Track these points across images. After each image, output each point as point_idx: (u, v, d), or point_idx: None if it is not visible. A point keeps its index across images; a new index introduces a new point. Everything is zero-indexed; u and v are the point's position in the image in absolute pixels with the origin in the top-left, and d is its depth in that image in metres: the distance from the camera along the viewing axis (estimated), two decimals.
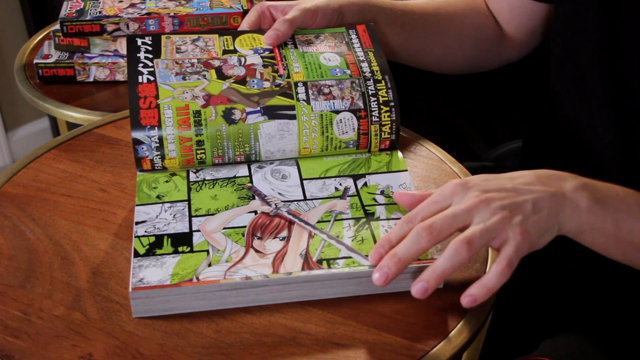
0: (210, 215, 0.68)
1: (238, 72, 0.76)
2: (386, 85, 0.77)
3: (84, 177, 0.79)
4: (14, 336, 0.61)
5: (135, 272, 0.63)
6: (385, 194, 0.71)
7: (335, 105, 0.75)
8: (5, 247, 0.70)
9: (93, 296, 0.65)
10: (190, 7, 1.08)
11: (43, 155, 0.82)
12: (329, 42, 0.81)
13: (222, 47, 0.80)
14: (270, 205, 0.70)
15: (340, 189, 0.72)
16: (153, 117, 0.72)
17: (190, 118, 0.72)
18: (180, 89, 0.74)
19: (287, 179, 0.73)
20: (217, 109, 0.73)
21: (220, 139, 0.73)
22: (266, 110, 0.74)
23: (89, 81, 1.11)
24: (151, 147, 0.72)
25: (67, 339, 0.61)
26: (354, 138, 0.76)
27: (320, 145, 0.75)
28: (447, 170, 0.81)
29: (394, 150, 0.78)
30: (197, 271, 0.62)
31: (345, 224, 0.68)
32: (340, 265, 0.63)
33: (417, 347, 0.61)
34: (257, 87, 0.75)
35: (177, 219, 0.68)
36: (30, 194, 0.77)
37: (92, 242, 0.70)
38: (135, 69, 0.76)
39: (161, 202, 0.70)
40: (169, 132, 0.72)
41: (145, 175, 0.73)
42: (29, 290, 0.65)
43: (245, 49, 0.80)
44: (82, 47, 1.11)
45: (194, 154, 0.73)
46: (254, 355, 0.60)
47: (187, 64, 0.76)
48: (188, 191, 0.71)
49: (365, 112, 0.75)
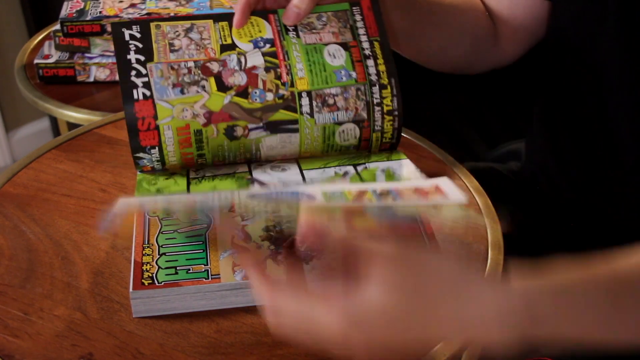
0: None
1: (239, 81, 0.72)
2: (391, 91, 0.74)
3: (84, 177, 0.79)
4: (14, 336, 0.61)
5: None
6: (386, 173, 0.70)
7: (339, 117, 0.73)
8: (6, 247, 0.70)
9: (93, 296, 0.65)
10: (191, 7, 1.08)
11: (43, 155, 0.82)
12: (332, 26, 0.77)
13: (218, 40, 0.75)
14: (270, 188, 0.69)
15: (340, 172, 0.71)
16: (153, 139, 0.70)
17: (191, 137, 0.71)
18: (179, 107, 0.71)
19: (287, 171, 0.72)
20: (219, 127, 0.71)
21: (222, 151, 0.72)
22: (269, 125, 0.72)
23: (89, 81, 1.11)
24: (152, 160, 0.72)
25: (68, 339, 0.61)
26: (355, 144, 0.75)
27: (320, 150, 0.75)
28: (447, 170, 0.81)
29: (394, 150, 0.78)
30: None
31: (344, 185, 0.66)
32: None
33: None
34: (259, 99, 0.72)
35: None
36: (30, 194, 0.77)
37: (92, 242, 0.70)
38: (128, 78, 0.72)
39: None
40: (170, 149, 0.71)
41: (146, 175, 0.73)
42: (30, 290, 0.66)
43: (244, 42, 0.75)
44: (82, 47, 1.11)
45: (195, 163, 0.73)
46: (254, 355, 0.60)
47: (183, 69, 0.72)
48: (187, 184, 0.70)
49: (369, 122, 0.74)
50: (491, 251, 0.70)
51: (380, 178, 0.69)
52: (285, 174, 0.72)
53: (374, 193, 0.59)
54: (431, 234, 0.66)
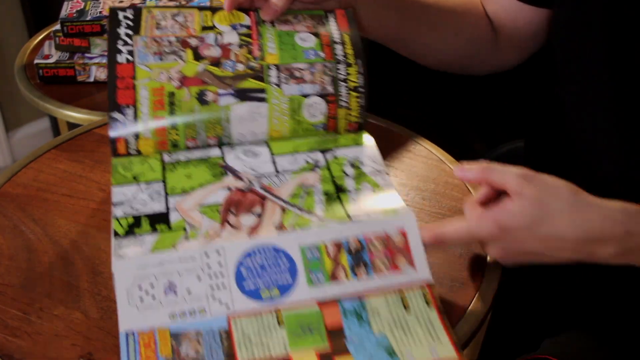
0: (185, 193, 0.69)
1: (214, 53, 0.77)
2: (357, 70, 0.77)
3: (84, 177, 0.79)
4: (14, 335, 0.61)
5: (116, 251, 0.63)
6: (354, 165, 0.73)
7: (305, 90, 0.76)
8: (6, 247, 0.70)
9: (93, 296, 0.65)
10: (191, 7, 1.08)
11: (43, 155, 0.82)
12: (306, 22, 0.82)
13: (201, 23, 0.81)
14: (243, 181, 0.71)
15: (310, 162, 0.73)
16: (129, 97, 0.74)
17: (164, 99, 0.74)
18: (157, 70, 0.75)
19: (258, 157, 0.74)
20: (191, 90, 0.74)
21: (193, 120, 0.74)
22: (238, 92, 0.75)
23: (89, 81, 1.11)
24: (126, 126, 0.74)
25: (67, 338, 0.61)
26: (323, 121, 0.76)
27: (289, 128, 0.76)
28: (447, 170, 0.81)
29: (361, 131, 0.78)
30: (175, 243, 0.64)
31: (317, 198, 0.69)
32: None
33: None
34: (231, 69, 0.76)
35: (154, 199, 0.69)
36: (30, 194, 0.77)
37: (92, 242, 0.71)
38: (114, 46, 0.76)
39: (137, 183, 0.70)
40: (144, 110, 0.73)
41: (121, 158, 0.74)
42: (29, 289, 0.66)
43: (223, 25, 0.80)
44: (82, 48, 1.11)
45: (167, 135, 0.74)
46: None
47: (165, 42, 0.77)
48: (163, 171, 0.72)
49: (334, 97, 0.76)
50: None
51: (349, 171, 0.72)
52: (257, 161, 0.73)
53: (349, 255, 0.64)
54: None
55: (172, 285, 0.61)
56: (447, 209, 0.76)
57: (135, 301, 0.61)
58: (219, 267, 0.63)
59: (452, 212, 0.75)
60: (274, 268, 0.63)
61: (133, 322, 0.60)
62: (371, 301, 0.62)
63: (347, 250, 0.64)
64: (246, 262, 0.63)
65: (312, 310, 0.62)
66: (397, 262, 0.64)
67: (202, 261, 0.63)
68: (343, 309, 0.62)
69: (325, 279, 0.63)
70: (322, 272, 0.63)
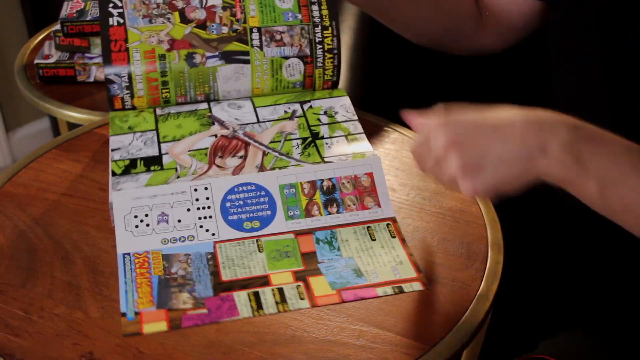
0: (176, 140, 0.77)
1: (199, 16, 0.83)
2: (332, 32, 0.84)
3: (84, 177, 0.79)
4: (15, 335, 0.61)
5: (114, 186, 0.71)
6: (328, 114, 0.81)
7: (285, 52, 0.83)
8: (6, 247, 0.70)
9: (94, 295, 0.65)
10: None
11: (43, 155, 0.83)
12: None
13: None
14: (228, 129, 0.78)
15: (288, 111, 0.81)
16: (123, 60, 0.80)
17: (156, 61, 0.80)
18: (147, 33, 0.81)
19: (242, 108, 0.82)
20: (180, 53, 0.81)
21: (183, 79, 0.81)
22: (224, 55, 0.82)
23: (89, 81, 1.11)
24: (122, 86, 0.80)
25: (68, 338, 0.61)
26: (301, 80, 0.84)
27: (270, 86, 0.83)
28: None
29: (335, 88, 0.86)
30: (167, 180, 0.72)
31: (294, 143, 0.77)
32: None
33: (417, 346, 0.61)
34: (216, 32, 0.82)
35: (148, 145, 0.76)
36: (30, 193, 0.77)
37: (92, 242, 0.71)
38: (106, 9, 0.81)
39: (132, 132, 0.78)
40: (137, 72, 0.79)
41: (117, 112, 0.81)
42: (30, 289, 0.66)
43: None
44: (82, 48, 1.11)
45: (159, 93, 0.81)
46: (254, 354, 0.60)
47: (153, 5, 0.83)
48: (155, 122, 0.79)
49: (312, 58, 0.83)
50: (491, 251, 0.70)
51: (324, 119, 0.80)
52: (241, 112, 0.81)
53: (322, 194, 0.73)
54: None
55: (164, 215, 0.69)
56: (447, 209, 0.76)
57: (131, 228, 0.69)
58: (206, 200, 0.71)
59: (452, 212, 0.76)
60: (256, 203, 0.71)
61: (129, 245, 0.68)
62: (341, 231, 0.71)
63: (320, 189, 0.72)
64: (231, 197, 0.71)
65: (289, 238, 0.70)
66: (365, 202, 0.73)
67: (191, 195, 0.71)
68: (316, 237, 0.70)
69: (301, 214, 0.71)
70: (299, 208, 0.71)
